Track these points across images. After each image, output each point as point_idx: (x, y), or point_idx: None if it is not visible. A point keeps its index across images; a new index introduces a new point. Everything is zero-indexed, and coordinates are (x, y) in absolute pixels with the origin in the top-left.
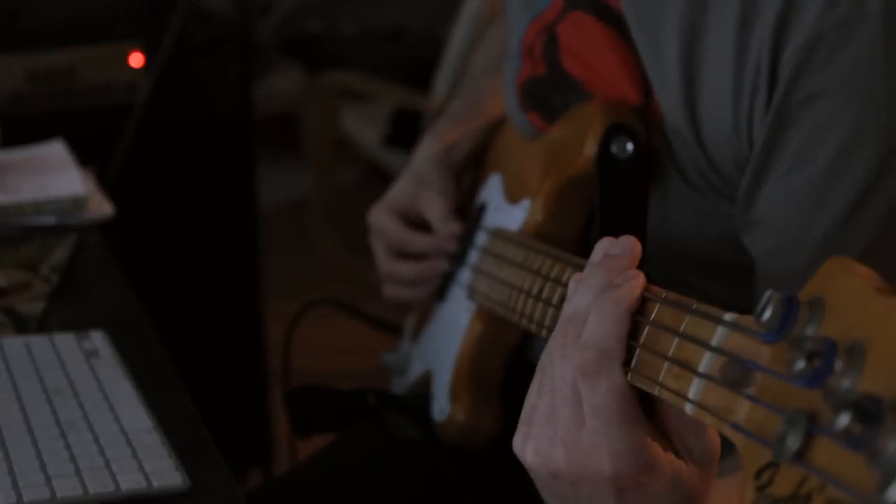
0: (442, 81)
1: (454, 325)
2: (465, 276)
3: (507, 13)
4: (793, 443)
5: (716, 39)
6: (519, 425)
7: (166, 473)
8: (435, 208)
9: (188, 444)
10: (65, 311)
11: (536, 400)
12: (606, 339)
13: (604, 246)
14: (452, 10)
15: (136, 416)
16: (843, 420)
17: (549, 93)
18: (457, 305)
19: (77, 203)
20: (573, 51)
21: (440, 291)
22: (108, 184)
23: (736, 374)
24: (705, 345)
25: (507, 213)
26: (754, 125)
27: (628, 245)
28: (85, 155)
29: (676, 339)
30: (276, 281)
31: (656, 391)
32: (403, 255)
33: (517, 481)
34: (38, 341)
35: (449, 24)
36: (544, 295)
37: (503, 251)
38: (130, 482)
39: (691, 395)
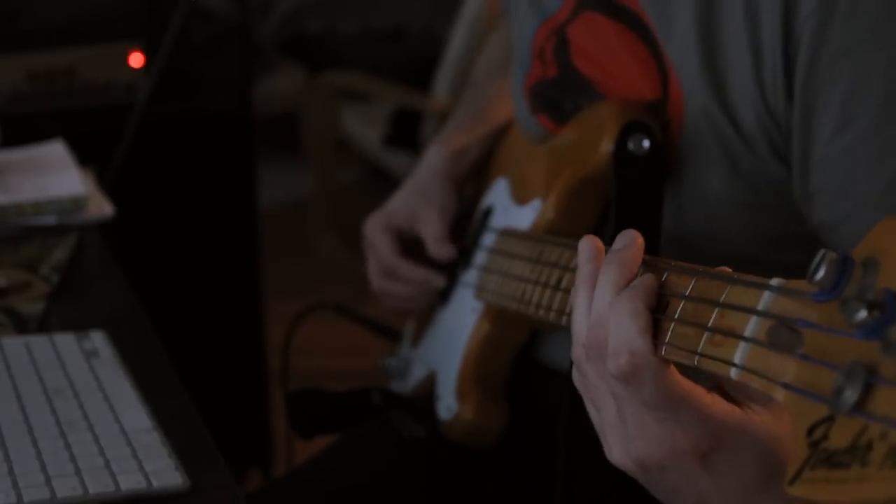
0: (442, 81)
1: (460, 325)
2: (471, 277)
3: (511, 17)
4: (851, 395)
5: (729, 18)
6: (603, 443)
7: (166, 473)
8: (431, 229)
9: (188, 444)
10: (65, 311)
11: (598, 414)
12: (631, 340)
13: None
14: (452, 10)
15: (136, 416)
16: None
17: (560, 95)
18: (462, 306)
19: (77, 203)
20: (585, 51)
21: (443, 295)
22: (108, 184)
23: (784, 336)
24: (751, 311)
25: (515, 214)
26: (779, 97)
27: (630, 237)
28: (85, 155)
29: (717, 310)
30: (275, 281)
31: (695, 361)
32: (393, 276)
33: (520, 480)
34: (38, 341)
35: (449, 24)
36: (563, 285)
37: (515, 248)
38: (130, 482)
39: (736, 359)
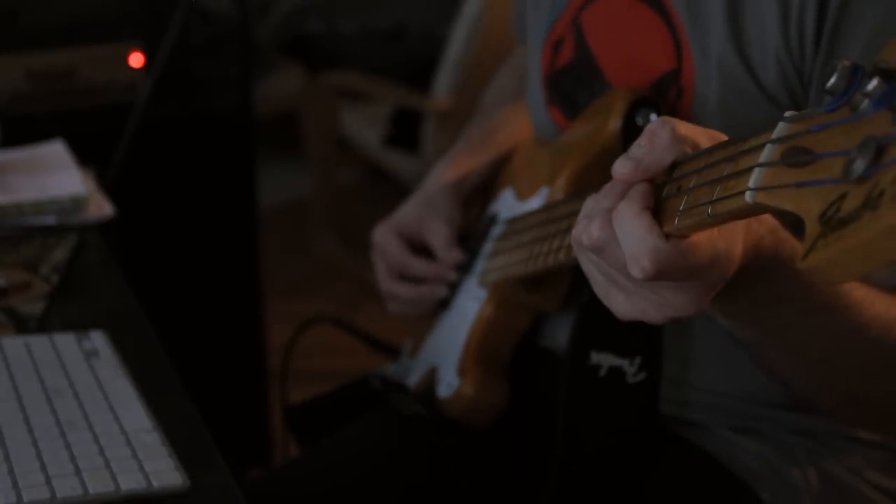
0: (442, 81)
1: (462, 318)
2: (473, 277)
3: (526, 19)
4: (862, 162)
5: None
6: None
7: (166, 473)
8: (439, 235)
9: (188, 444)
10: (65, 311)
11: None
12: (644, 240)
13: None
14: (452, 10)
15: (136, 416)
16: None
17: (574, 87)
18: (464, 304)
19: (77, 203)
20: (598, 32)
21: (444, 302)
22: (108, 184)
23: (799, 156)
24: (765, 142)
25: (521, 208)
26: (806, 49)
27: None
28: (85, 155)
29: (731, 163)
30: (275, 281)
31: (709, 211)
32: (403, 276)
33: (519, 462)
34: (38, 341)
35: (449, 24)
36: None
37: (522, 226)
38: (130, 482)
39: (750, 184)
